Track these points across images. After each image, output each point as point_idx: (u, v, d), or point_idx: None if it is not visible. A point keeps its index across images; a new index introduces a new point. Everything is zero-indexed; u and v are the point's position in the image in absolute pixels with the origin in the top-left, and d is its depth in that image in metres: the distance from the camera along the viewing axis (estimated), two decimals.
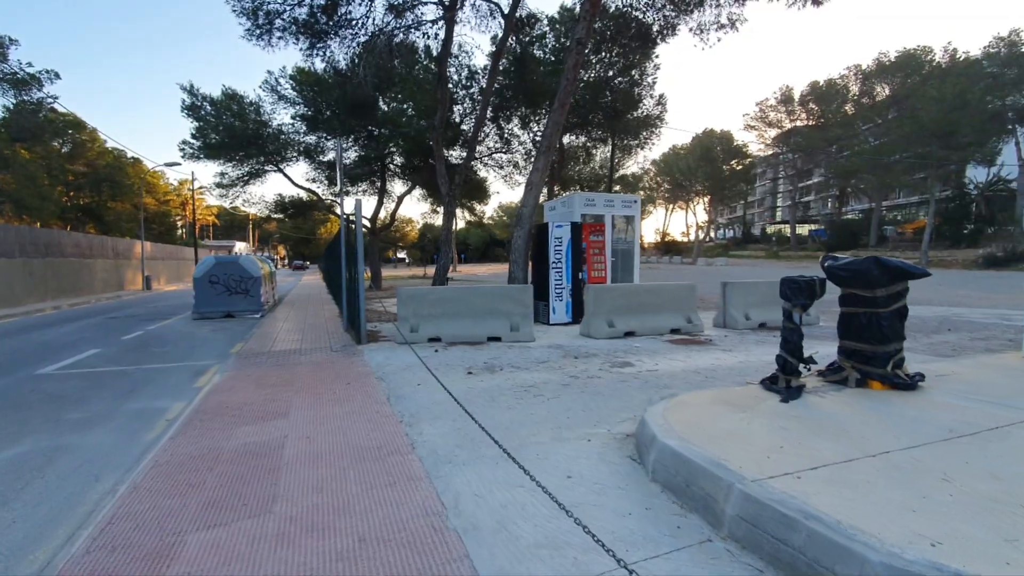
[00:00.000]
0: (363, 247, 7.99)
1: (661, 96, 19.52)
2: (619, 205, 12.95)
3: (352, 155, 23.17)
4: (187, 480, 3.32)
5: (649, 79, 18.39)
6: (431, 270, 48.78)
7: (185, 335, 10.26)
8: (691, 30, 12.28)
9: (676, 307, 8.87)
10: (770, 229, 73.85)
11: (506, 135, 21.60)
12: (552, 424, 4.01)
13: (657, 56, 17.60)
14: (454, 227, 47.04)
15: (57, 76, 20.94)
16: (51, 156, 27.80)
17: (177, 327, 11.54)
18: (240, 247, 65.87)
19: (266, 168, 24.43)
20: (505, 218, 72.14)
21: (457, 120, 20.08)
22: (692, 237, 77.12)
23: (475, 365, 6.30)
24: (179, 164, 40.67)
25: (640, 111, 19.37)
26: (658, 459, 2.89)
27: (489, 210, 66.62)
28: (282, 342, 8.77)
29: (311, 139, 23.60)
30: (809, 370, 4.29)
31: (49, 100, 21.27)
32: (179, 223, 55.12)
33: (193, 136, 22.42)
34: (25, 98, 20.50)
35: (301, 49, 12.71)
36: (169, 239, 44.91)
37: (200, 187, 40.95)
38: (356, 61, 14.26)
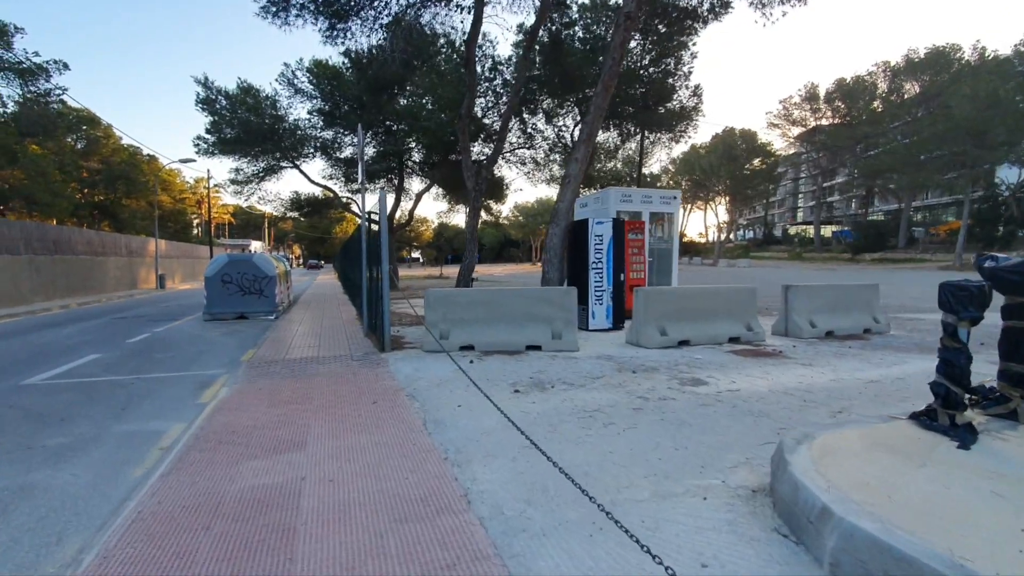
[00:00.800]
0: (388, 244, 7.17)
1: (697, 87, 18.51)
2: (657, 201, 12.03)
3: (370, 151, 22.47)
4: (174, 547, 2.49)
5: (685, 68, 17.34)
6: (447, 270, 48.05)
7: (194, 339, 9.53)
8: (752, 4, 11.10)
9: (734, 313, 7.92)
10: (792, 230, 72.10)
11: (529, 130, 20.72)
12: (644, 468, 3.12)
13: (694, 44, 16.60)
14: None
15: (66, 67, 20.40)
16: (64, 152, 27.41)
17: (186, 329, 10.84)
18: (256, 246, 65.77)
19: (282, 164, 23.87)
20: (520, 218, 71.22)
21: (479, 114, 19.24)
22: (711, 238, 75.65)
23: (520, 380, 5.42)
24: (194, 160, 40.37)
25: (674, 103, 18.34)
26: (845, 548, 1.98)
27: (505, 210, 65.93)
28: (297, 348, 7.98)
29: (328, 134, 23.00)
30: (977, 402, 3.36)
31: (57, 91, 20.78)
32: (195, 221, 55.02)
33: (208, 131, 21.91)
34: (32, 89, 20.00)
35: (320, 31, 11.91)
36: (184, 237, 44.71)
37: (216, 185, 40.72)
38: (375, 52, 13.45)
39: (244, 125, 20.93)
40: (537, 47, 15.41)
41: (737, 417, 4.10)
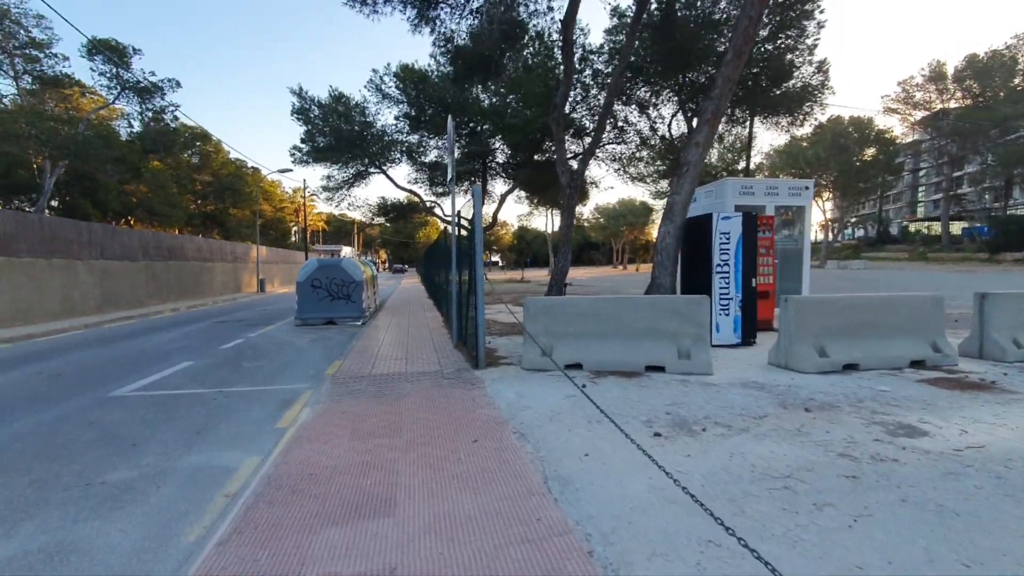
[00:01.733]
0: (482, 246, 6.29)
1: (822, 62, 16.03)
2: (785, 193, 10.33)
3: (455, 152, 22.22)
4: None
5: (808, 41, 15.15)
6: (529, 273, 47.32)
7: (282, 346, 9.26)
8: None
9: (915, 329, 6.22)
10: (912, 227, 64.15)
11: (619, 123, 19.31)
12: None
13: (821, 11, 14.40)
14: (548, 230, 45.17)
15: (178, 84, 22.04)
16: (181, 167, 29.89)
17: (277, 335, 10.70)
18: (346, 251, 68.91)
19: (370, 170, 24.26)
20: (601, 220, 69.23)
21: (567, 109, 18.19)
22: (815, 236, 69.17)
23: (655, 417, 4.25)
24: (291, 170, 42.80)
25: (795, 81, 16.12)
26: None
27: (585, 211, 64.35)
28: (384, 361, 7.31)
29: (413, 138, 23.07)
30: None
31: (171, 108, 22.53)
32: (293, 229, 58.56)
33: (302, 140, 22.64)
34: (148, 107, 21.79)
35: (408, 19, 11.46)
36: (284, 244, 47.54)
37: (311, 193, 42.93)
38: (471, 31, 12.58)
39: (335, 132, 21.40)
40: (641, 25, 14.04)
41: (1018, 499, 2.69)
